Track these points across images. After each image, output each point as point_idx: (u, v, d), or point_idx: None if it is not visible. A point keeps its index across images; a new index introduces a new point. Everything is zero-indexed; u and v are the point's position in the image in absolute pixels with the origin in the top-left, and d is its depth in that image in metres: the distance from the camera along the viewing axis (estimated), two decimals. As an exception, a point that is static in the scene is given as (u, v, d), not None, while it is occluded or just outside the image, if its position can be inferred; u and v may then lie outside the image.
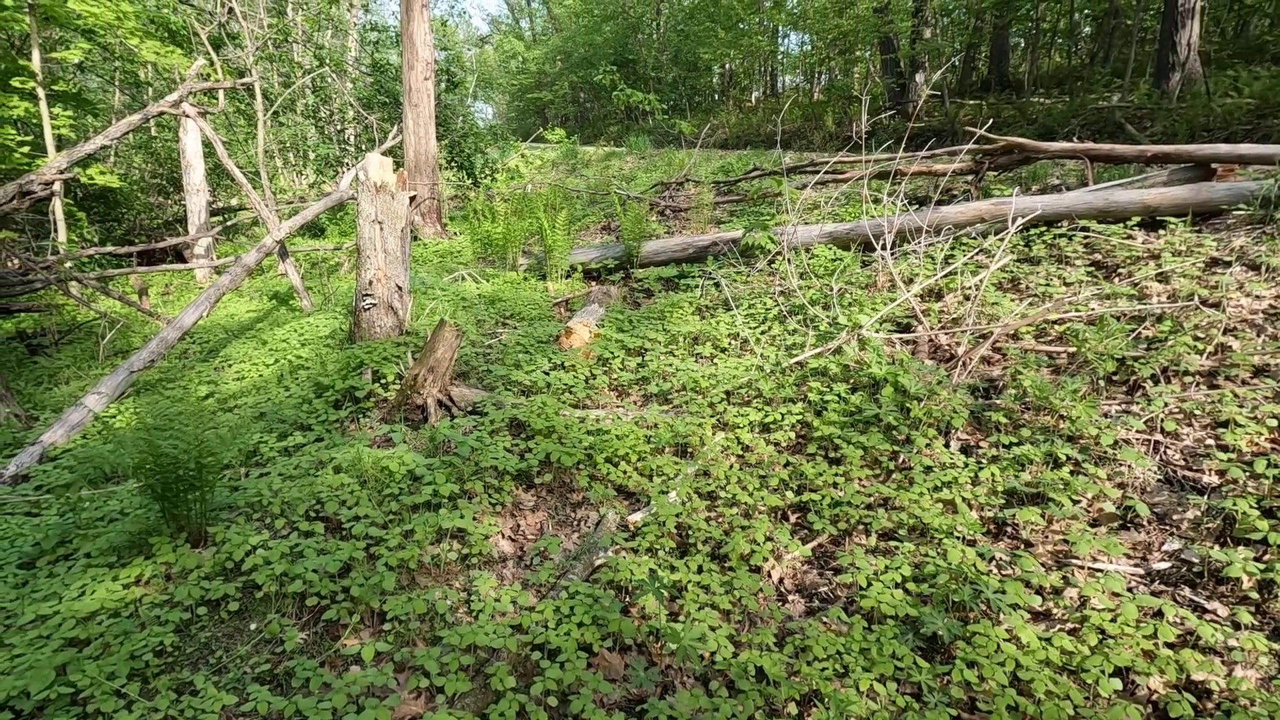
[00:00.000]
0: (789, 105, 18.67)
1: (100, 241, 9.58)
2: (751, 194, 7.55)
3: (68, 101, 8.59)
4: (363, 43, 11.56)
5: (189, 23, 9.12)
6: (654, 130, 18.51)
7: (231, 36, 10.27)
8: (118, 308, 7.22)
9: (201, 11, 10.28)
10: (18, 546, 3.16)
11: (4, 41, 8.30)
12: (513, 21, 35.19)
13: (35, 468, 3.99)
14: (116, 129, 6.19)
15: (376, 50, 11.50)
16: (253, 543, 2.54)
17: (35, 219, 9.27)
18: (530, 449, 3.35)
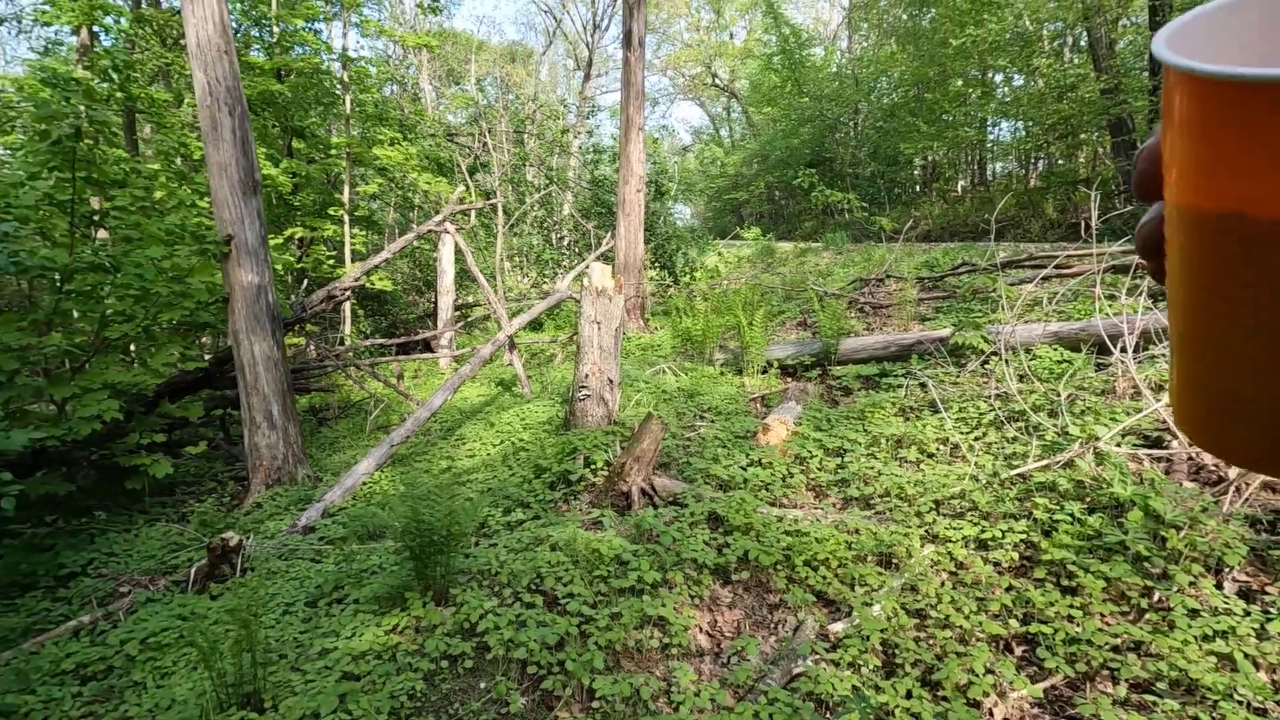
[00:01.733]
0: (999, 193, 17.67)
1: (370, 334, 11.63)
2: (963, 291, 7.21)
3: (362, 224, 10.83)
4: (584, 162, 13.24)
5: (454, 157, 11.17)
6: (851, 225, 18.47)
7: (483, 165, 12.36)
8: (381, 389, 8.64)
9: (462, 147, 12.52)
10: (305, 588, 3.84)
11: (324, 181, 10.75)
12: (713, 130, 37.74)
13: (319, 521, 4.86)
14: (397, 245, 7.67)
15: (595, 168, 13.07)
16: (485, 607, 2.87)
17: (330, 315, 11.52)
18: (728, 544, 3.41)
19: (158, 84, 11.66)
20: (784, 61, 24.50)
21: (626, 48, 9.22)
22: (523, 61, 28.25)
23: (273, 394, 5.59)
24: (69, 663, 3.45)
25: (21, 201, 4.90)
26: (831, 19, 33.90)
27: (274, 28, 9.91)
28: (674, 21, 32.36)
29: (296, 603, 3.67)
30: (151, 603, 3.98)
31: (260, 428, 5.59)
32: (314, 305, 7.09)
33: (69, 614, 4.16)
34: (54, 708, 3.08)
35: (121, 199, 5.81)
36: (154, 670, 3.28)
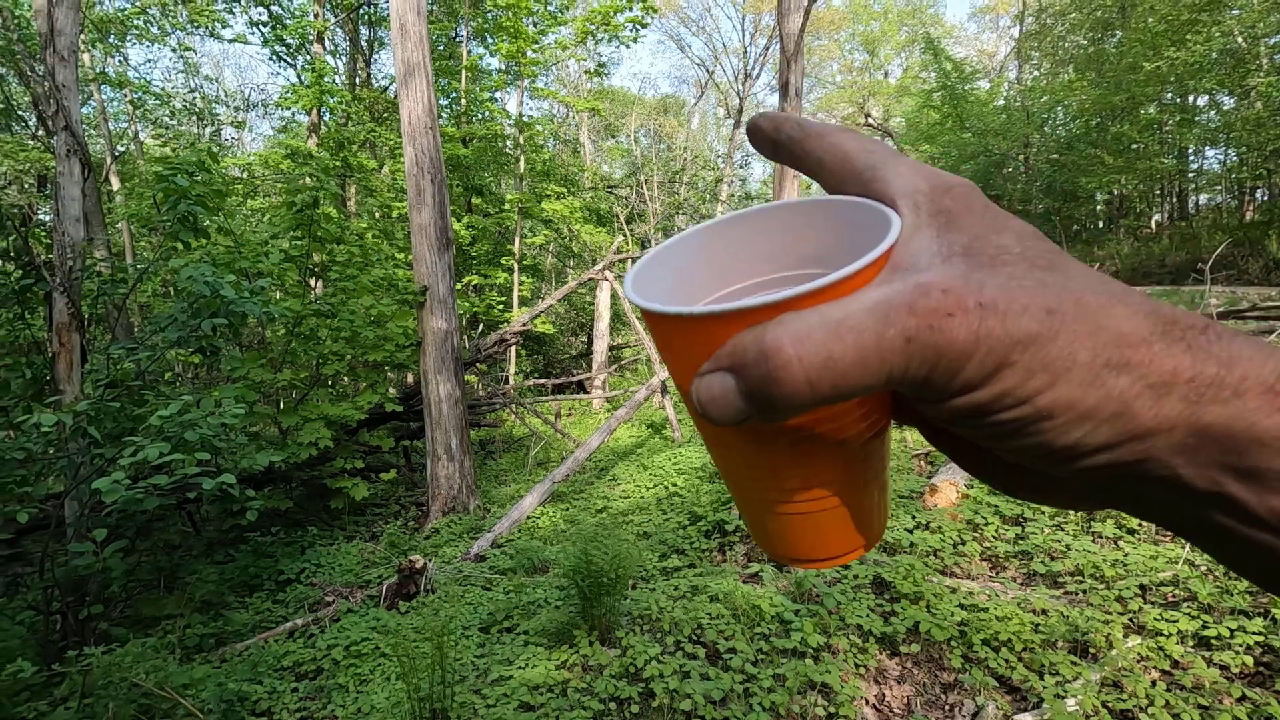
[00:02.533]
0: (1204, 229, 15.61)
1: (530, 373, 12.43)
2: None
3: (528, 271, 11.74)
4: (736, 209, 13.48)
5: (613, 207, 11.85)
6: (1021, 266, 17.07)
7: (639, 214, 12.98)
8: (539, 425, 9.19)
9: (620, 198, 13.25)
10: (479, 613, 4.15)
11: (496, 233, 11.81)
12: (864, 170, 36.74)
13: (489, 550, 5.23)
14: (562, 292, 8.24)
15: (746, 213, 13.19)
16: (650, 654, 2.95)
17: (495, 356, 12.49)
18: (896, 612, 3.26)
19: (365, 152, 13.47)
20: (945, 97, 23.50)
21: (783, 99, 9.34)
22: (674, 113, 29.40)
23: (453, 429, 6.15)
24: (287, 660, 3.96)
25: (270, 260, 5.86)
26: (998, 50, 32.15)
27: (462, 100, 11.18)
28: (825, 65, 32.24)
29: (471, 627, 3.98)
30: (351, 613, 4.48)
31: (441, 459, 6.16)
32: (487, 347, 7.74)
33: (285, 616, 4.79)
34: (276, 699, 3.55)
35: (339, 254, 6.77)
36: (354, 676, 3.69)
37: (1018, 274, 0.23)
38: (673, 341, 0.26)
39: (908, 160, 0.29)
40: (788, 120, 0.31)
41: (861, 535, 0.31)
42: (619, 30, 11.35)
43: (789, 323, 0.22)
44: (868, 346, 0.22)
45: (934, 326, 0.22)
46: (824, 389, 0.22)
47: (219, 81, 19.32)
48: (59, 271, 4.42)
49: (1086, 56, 21.79)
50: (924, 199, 0.27)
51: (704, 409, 0.24)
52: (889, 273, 0.24)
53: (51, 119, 4.62)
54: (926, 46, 23.86)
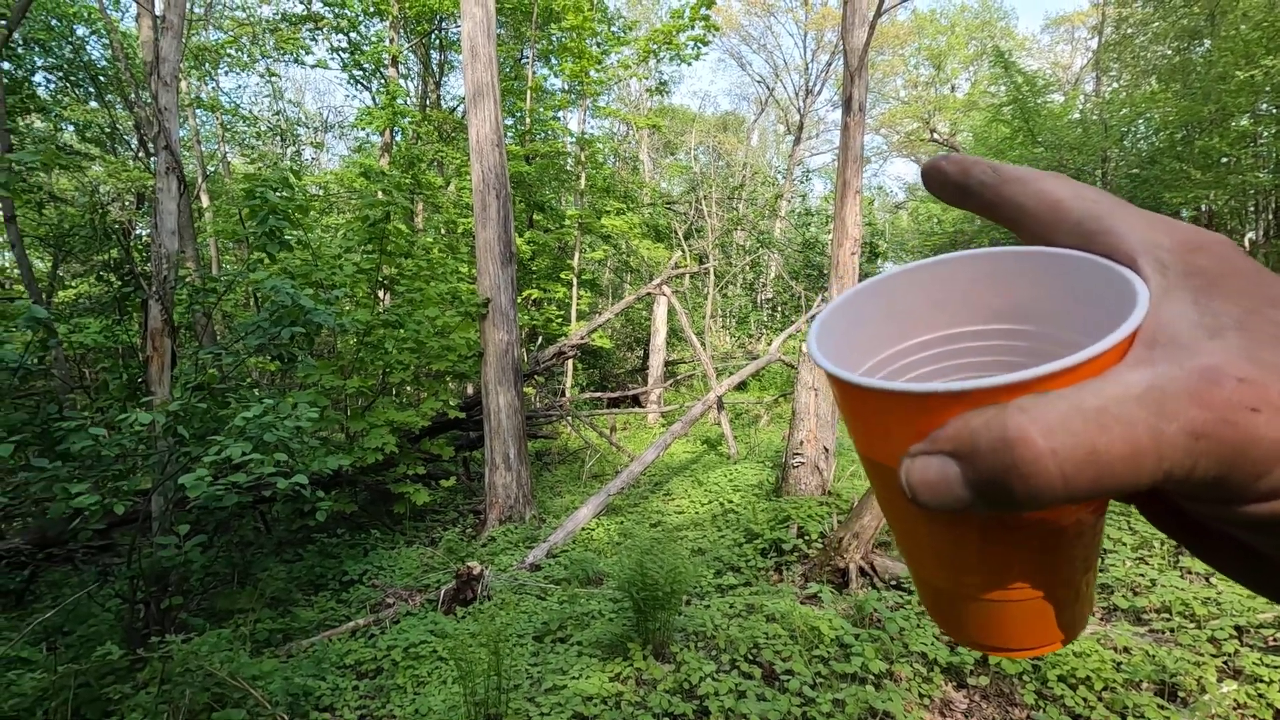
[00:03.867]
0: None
1: (586, 386, 12.54)
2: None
3: (587, 286, 11.91)
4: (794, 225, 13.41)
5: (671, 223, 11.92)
6: (1098, 286, 16.29)
7: (697, 230, 13.02)
8: (594, 438, 9.25)
9: (679, 214, 13.33)
10: (533, 622, 4.18)
11: (556, 248, 12.03)
12: (929, 186, 35.83)
13: (544, 560, 5.28)
14: (620, 306, 8.31)
15: (805, 230, 13.13)
16: (705, 671, 2.91)
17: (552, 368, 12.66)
18: (963, 642, 3.12)
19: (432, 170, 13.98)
20: (1016, 111, 22.75)
21: (846, 114, 9.22)
22: (734, 130, 29.43)
23: (511, 439, 6.26)
24: (349, 658, 4.08)
25: (343, 272, 6.13)
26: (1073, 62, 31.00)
27: (526, 119, 11.50)
28: (889, 80, 31.73)
29: (526, 635, 4.01)
30: (410, 616, 4.58)
31: (499, 468, 6.27)
32: (545, 360, 7.86)
33: (348, 615, 4.94)
34: (338, 696, 3.66)
35: (409, 267, 7.02)
36: (412, 677, 3.77)
37: None
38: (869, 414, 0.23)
39: (1141, 211, 0.25)
40: (978, 164, 0.28)
41: (1062, 629, 0.27)
42: (681, 48, 11.48)
43: (1033, 409, 0.19)
44: (1142, 442, 0.19)
45: (1232, 423, 0.19)
46: (1081, 486, 0.19)
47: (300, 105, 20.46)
48: (155, 281, 4.74)
49: (1171, 67, 20.74)
50: (1170, 257, 0.23)
51: (915, 492, 0.21)
52: (1144, 348, 0.21)
53: (154, 139, 4.98)
54: (996, 59, 23.16)
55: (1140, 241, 0.24)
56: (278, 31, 12.99)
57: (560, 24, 11.20)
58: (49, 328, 4.19)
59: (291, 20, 13.09)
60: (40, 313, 4.05)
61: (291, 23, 13.06)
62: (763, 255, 13.74)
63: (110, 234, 5.23)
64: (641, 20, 20.74)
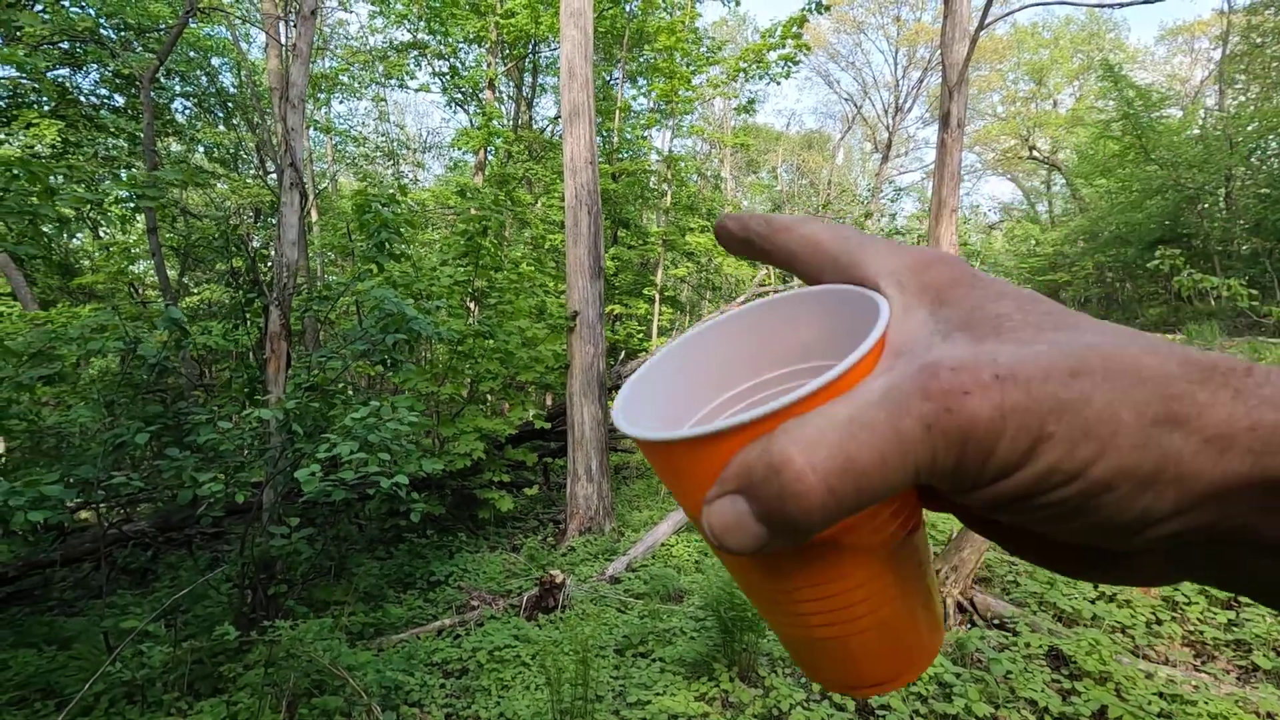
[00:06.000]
0: None
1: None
2: None
3: (669, 303, 11.97)
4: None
5: (755, 242, 11.84)
6: (1220, 313, 15.03)
7: (780, 249, 12.87)
8: (673, 455, 9.22)
9: (762, 232, 13.23)
10: (614, 635, 4.18)
11: (639, 264, 12.17)
12: (1028, 206, 34.17)
13: (624, 574, 5.29)
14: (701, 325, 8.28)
15: (895, 249, 12.70)
16: (795, 699, 2.82)
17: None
18: (1077, 691, 2.90)
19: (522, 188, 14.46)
20: (1126, 127, 21.40)
21: (943, 129, 8.94)
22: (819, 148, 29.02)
23: (594, 451, 6.33)
24: (436, 656, 4.20)
25: (440, 284, 6.41)
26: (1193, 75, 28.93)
27: (615, 138, 11.74)
28: (985, 96, 30.54)
29: (607, 647, 4.01)
30: (493, 619, 4.68)
31: (581, 479, 6.34)
32: (628, 374, 7.93)
33: (435, 615, 5.09)
34: (426, 692, 3.76)
35: (500, 280, 7.27)
36: (496, 680, 3.83)
37: (1027, 338, 0.21)
38: (670, 468, 0.24)
39: (883, 241, 0.28)
40: (754, 218, 0.30)
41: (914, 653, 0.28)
42: (770, 67, 11.47)
43: (794, 430, 0.20)
44: (886, 441, 0.20)
45: (951, 409, 0.20)
46: (847, 496, 0.20)
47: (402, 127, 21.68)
48: (275, 288, 5.10)
49: (1309, 78, 19.03)
50: (907, 276, 0.25)
51: (720, 539, 0.22)
52: (889, 359, 0.22)
53: (280, 157, 5.39)
54: (1105, 73, 21.92)
55: (882, 267, 0.26)
56: (386, 59, 13.85)
57: (653, 44, 11.41)
58: (183, 329, 4.58)
59: (398, 48, 13.93)
60: (176, 314, 4.43)
61: (398, 50, 13.90)
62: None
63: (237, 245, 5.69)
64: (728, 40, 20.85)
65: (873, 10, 27.93)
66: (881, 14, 27.86)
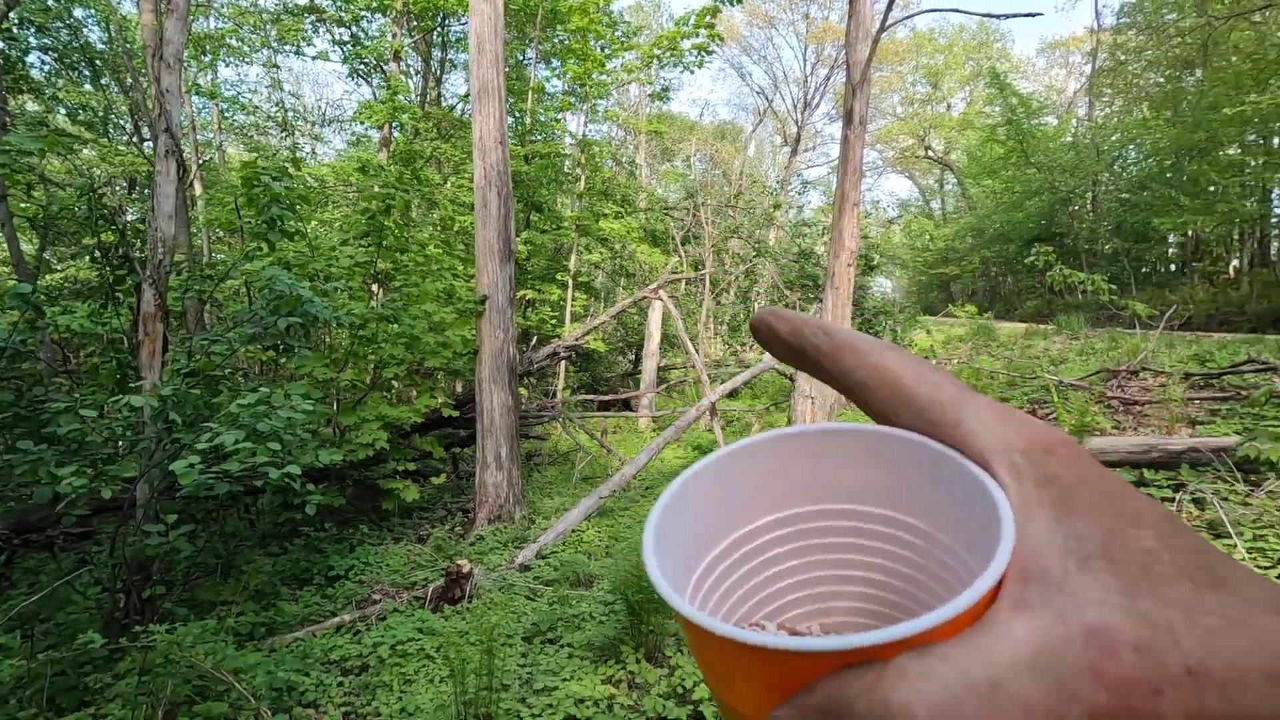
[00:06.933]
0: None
1: (578, 389, 12.52)
2: (1255, 396, 6.07)
3: (582, 288, 11.90)
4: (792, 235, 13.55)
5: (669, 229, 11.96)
6: (1086, 307, 16.53)
7: (694, 237, 13.08)
8: (586, 441, 9.22)
9: (676, 220, 13.38)
10: (522, 622, 4.14)
11: (552, 249, 12.03)
12: (923, 203, 36.27)
13: (534, 561, 5.24)
14: (616, 309, 8.31)
15: (801, 240, 13.24)
16: (699, 675, 2.89)
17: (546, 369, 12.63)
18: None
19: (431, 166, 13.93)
20: (1010, 132, 23.05)
21: (846, 126, 9.30)
22: (731, 139, 29.61)
23: (504, 438, 6.22)
24: (334, 654, 4.03)
25: (339, 265, 6.08)
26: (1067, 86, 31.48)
27: (527, 119, 11.50)
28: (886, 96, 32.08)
29: (515, 635, 3.97)
30: (397, 613, 4.53)
31: (490, 467, 6.22)
32: (539, 360, 7.84)
33: (333, 611, 4.87)
34: (323, 691, 3.60)
35: (405, 262, 6.98)
36: (399, 675, 3.72)
37: (1197, 604, 0.18)
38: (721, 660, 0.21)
39: (983, 399, 0.24)
40: (809, 325, 0.27)
41: None
42: (684, 55, 11.55)
43: (916, 677, 0.17)
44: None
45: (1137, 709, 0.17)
46: None
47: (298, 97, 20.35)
48: (149, 264, 4.68)
49: (1163, 94, 21.12)
50: (1024, 460, 0.22)
51: None
52: (1018, 584, 0.19)
53: (154, 122, 4.92)
54: (992, 80, 23.51)
55: (993, 441, 0.22)
56: (279, 22, 12.93)
57: (566, 25, 11.22)
58: (37, 308, 4.12)
59: (293, 12, 13.03)
60: (26, 289, 3.97)
61: (293, 14, 13.01)
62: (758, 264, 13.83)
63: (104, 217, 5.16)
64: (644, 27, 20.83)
65: (784, 6, 28.67)
66: (792, 10, 28.66)
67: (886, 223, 37.50)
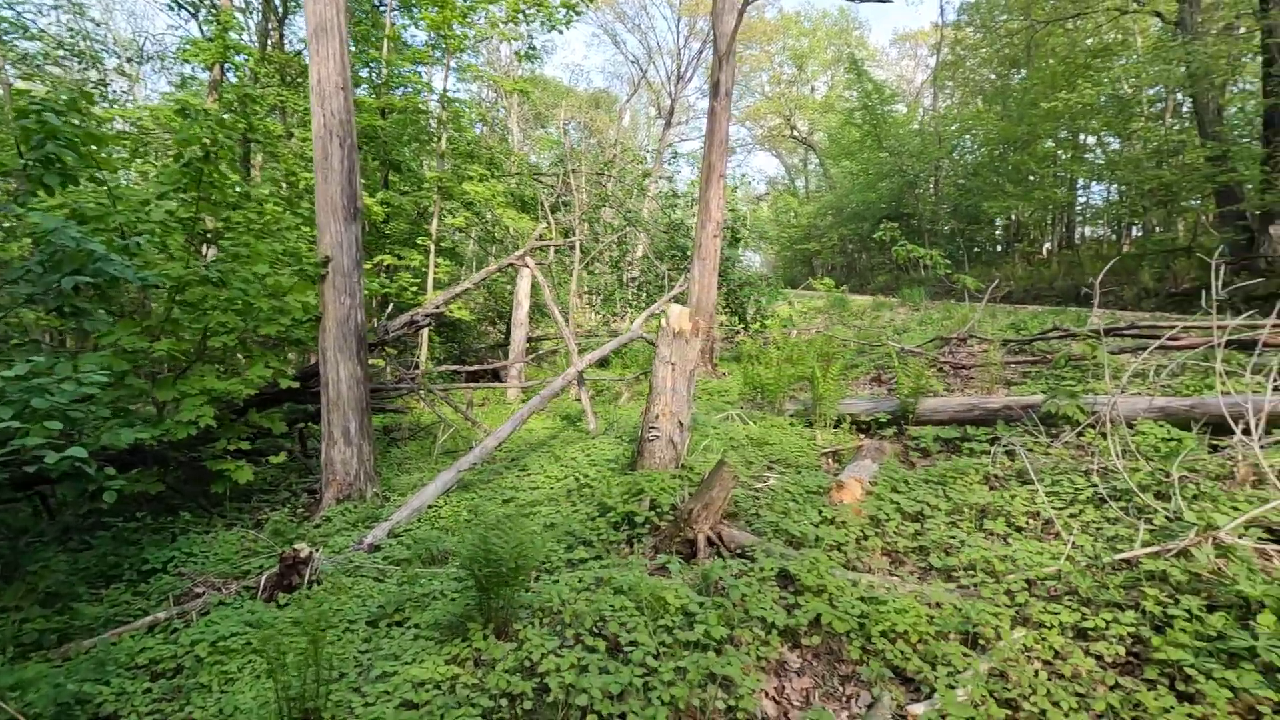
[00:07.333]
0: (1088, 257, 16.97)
1: (443, 360, 11.97)
2: (1058, 357, 6.84)
3: (447, 255, 11.29)
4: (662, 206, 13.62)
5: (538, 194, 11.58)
6: (928, 281, 18.05)
7: (564, 204, 12.77)
8: (450, 414, 8.83)
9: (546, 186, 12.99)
10: (367, 606, 3.87)
11: (414, 212, 11.32)
12: (789, 181, 37.91)
13: (385, 540, 4.93)
14: (480, 275, 7.93)
15: (673, 212, 13.34)
16: (547, 646, 2.80)
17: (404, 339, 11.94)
18: (799, 605, 3.25)
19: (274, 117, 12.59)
20: (865, 117, 24.49)
21: (713, 98, 9.39)
22: (606, 108, 29.28)
23: (352, 411, 5.77)
24: (143, 657, 3.56)
25: (150, 218, 5.31)
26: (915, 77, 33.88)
27: (382, 69, 10.63)
28: (756, 75, 32.99)
29: (359, 621, 3.70)
30: (223, 606, 4.08)
31: (337, 443, 5.77)
32: (396, 329, 7.35)
33: (146, 609, 4.32)
34: (125, 701, 3.17)
35: (236, 218, 6.23)
36: (220, 674, 3.34)
37: None
38: None
39: None
40: None
41: None
42: (552, 13, 11.13)
43: None
44: None
45: None
46: None
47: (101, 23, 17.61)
48: (-120, 209, 3.81)
49: (994, 89, 23.26)
50: None
51: None
52: None
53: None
54: (850, 66, 24.81)
55: None
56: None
57: (423, -31, 10.44)
58: None
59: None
60: None
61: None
62: (630, 234, 13.81)
63: None
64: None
65: (658, -25, 28.49)
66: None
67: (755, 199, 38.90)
